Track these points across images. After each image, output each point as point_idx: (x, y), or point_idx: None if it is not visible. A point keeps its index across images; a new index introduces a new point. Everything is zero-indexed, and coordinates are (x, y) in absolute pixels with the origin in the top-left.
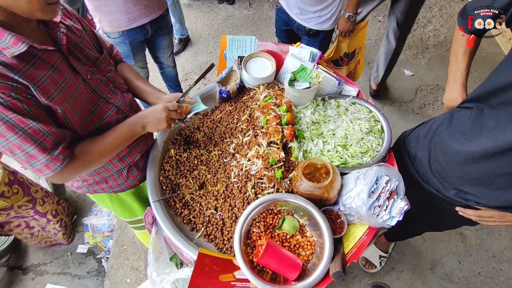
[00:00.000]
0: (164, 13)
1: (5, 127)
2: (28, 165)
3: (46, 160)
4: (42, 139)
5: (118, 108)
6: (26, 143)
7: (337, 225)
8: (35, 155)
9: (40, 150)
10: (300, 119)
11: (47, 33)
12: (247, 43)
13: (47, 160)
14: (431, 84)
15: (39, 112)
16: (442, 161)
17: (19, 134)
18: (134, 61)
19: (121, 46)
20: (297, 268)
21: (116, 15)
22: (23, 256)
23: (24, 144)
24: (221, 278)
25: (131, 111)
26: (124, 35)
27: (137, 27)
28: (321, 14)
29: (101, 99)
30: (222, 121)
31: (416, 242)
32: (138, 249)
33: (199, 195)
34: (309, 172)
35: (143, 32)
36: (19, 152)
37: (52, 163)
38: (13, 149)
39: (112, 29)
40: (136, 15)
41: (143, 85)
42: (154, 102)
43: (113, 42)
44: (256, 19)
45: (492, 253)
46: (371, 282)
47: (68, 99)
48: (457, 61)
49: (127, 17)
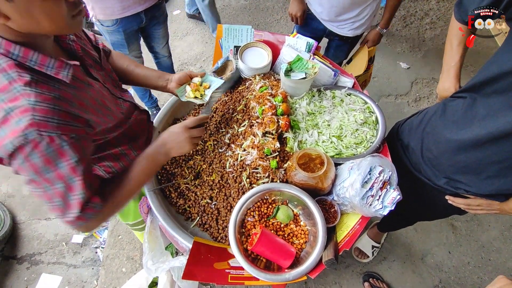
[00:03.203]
0: (159, 1)
1: (55, 174)
2: (60, 214)
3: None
4: (85, 191)
5: (132, 103)
6: (71, 192)
7: (331, 214)
8: (73, 205)
9: (79, 203)
10: (295, 110)
11: (58, 45)
12: (243, 32)
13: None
14: (426, 77)
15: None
16: (434, 150)
17: (68, 183)
18: (128, 50)
19: (115, 35)
20: (290, 256)
21: (110, 2)
22: (18, 246)
23: (69, 193)
24: (216, 266)
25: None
26: (118, 24)
27: (131, 15)
28: (355, 20)
29: (120, 100)
30: (217, 111)
31: (408, 233)
32: (133, 239)
33: (194, 185)
34: (304, 162)
35: (138, 20)
36: (59, 200)
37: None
38: (54, 196)
39: (105, 17)
40: (130, 3)
41: (147, 71)
42: (164, 85)
43: (107, 30)
44: (253, 9)
45: (481, 243)
46: (363, 272)
47: (108, 113)
48: (451, 51)
49: (120, 5)
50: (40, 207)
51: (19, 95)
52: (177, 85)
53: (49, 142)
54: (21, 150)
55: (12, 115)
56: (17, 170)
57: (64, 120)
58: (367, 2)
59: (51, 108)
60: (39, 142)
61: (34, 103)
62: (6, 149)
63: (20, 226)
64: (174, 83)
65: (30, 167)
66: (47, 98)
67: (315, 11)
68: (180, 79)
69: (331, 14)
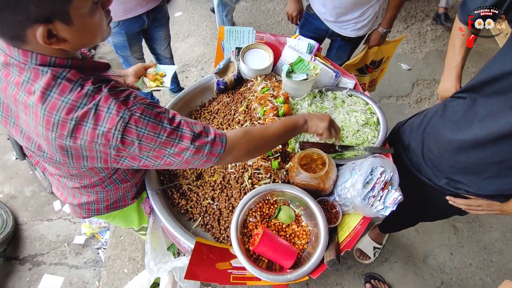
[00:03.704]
0: (161, 3)
1: (166, 133)
2: (196, 161)
3: (210, 148)
4: (191, 128)
5: None
6: (185, 139)
7: (332, 215)
8: (200, 149)
9: (198, 140)
10: (297, 111)
11: None
12: (245, 34)
13: (210, 148)
14: (428, 79)
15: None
16: (434, 150)
17: (178, 133)
18: (130, 52)
19: (117, 37)
20: (292, 257)
21: (112, 4)
22: (20, 247)
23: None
24: (218, 266)
25: None
26: (120, 26)
27: (133, 17)
28: (358, 21)
29: None
30: (219, 112)
31: (409, 234)
32: (135, 240)
33: (196, 185)
34: (305, 163)
35: (140, 22)
36: (185, 152)
37: (215, 148)
38: (181, 152)
39: None
40: (132, 5)
41: None
42: (122, 81)
43: None
44: (254, 11)
45: (483, 245)
46: (365, 273)
47: None
48: (453, 52)
49: (123, 6)
50: (43, 208)
51: (94, 94)
52: (135, 78)
53: (142, 113)
54: (130, 132)
55: (100, 108)
56: (138, 153)
57: (134, 94)
58: (369, 3)
59: (119, 90)
60: (135, 117)
61: (108, 91)
62: (116, 138)
63: (22, 227)
64: (132, 77)
65: (148, 141)
66: (112, 85)
67: (318, 12)
68: (136, 72)
69: (333, 15)
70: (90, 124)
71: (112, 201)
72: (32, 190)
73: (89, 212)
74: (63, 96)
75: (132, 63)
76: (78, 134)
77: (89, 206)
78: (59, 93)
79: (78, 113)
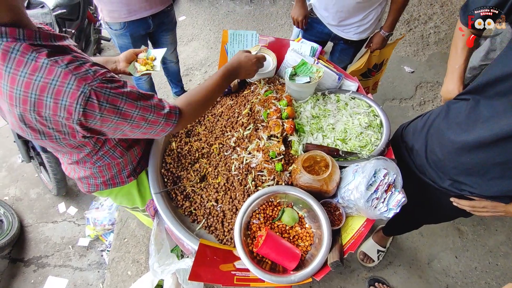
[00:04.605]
0: (168, 8)
1: (127, 106)
2: (152, 131)
3: (165, 119)
4: (152, 103)
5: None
6: (146, 112)
7: (336, 217)
8: (155, 119)
9: (157, 113)
10: (300, 113)
11: None
12: (248, 37)
13: (165, 119)
14: (431, 81)
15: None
16: (438, 151)
17: (139, 107)
18: None
19: (122, 39)
20: (296, 258)
21: (116, 5)
22: (25, 249)
23: (146, 113)
24: (221, 267)
25: None
26: (125, 27)
27: (138, 20)
28: (360, 24)
29: None
30: (223, 115)
31: (413, 237)
32: (139, 242)
33: (200, 187)
34: (308, 165)
35: (145, 25)
36: (144, 123)
37: (169, 119)
38: (139, 122)
39: (112, 19)
40: (136, 7)
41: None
42: (114, 67)
43: (115, 33)
44: (257, 15)
45: (488, 248)
46: (369, 276)
47: None
48: (456, 54)
49: (127, 8)
50: (47, 210)
51: (50, 66)
52: (126, 64)
53: (101, 87)
54: (91, 106)
55: (59, 84)
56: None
57: (94, 68)
58: (372, 6)
59: (78, 63)
60: (95, 91)
61: (66, 66)
62: (78, 112)
63: (28, 229)
64: (123, 62)
65: (110, 114)
66: (71, 59)
67: (321, 16)
68: (127, 57)
69: (336, 19)
70: (50, 98)
71: (108, 177)
72: (37, 193)
73: (89, 187)
74: (19, 70)
75: None
76: (40, 108)
77: (88, 181)
78: (15, 68)
79: (37, 87)
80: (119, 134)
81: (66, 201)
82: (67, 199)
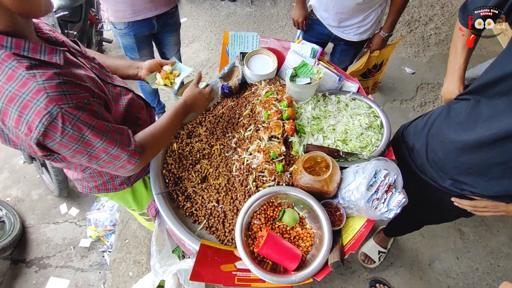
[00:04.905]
0: (172, 10)
1: (91, 135)
2: (111, 165)
3: (128, 157)
4: (120, 138)
5: (124, 88)
6: (110, 145)
7: (336, 217)
8: (118, 154)
9: (122, 148)
10: (301, 114)
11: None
12: (249, 39)
13: (128, 156)
14: (432, 82)
15: (104, 113)
16: (439, 151)
17: (103, 138)
18: (138, 55)
19: (126, 38)
20: (296, 259)
21: (121, 5)
22: (27, 249)
23: (109, 147)
24: (222, 268)
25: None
26: (130, 27)
27: (142, 20)
28: (360, 25)
29: (109, 84)
30: (224, 116)
31: (414, 239)
32: (140, 243)
33: (201, 188)
34: (309, 166)
35: (149, 26)
36: (104, 155)
37: (132, 158)
38: (99, 154)
39: (117, 19)
40: (141, 8)
41: (117, 62)
42: (135, 73)
43: (119, 33)
44: (258, 16)
45: (490, 249)
46: (370, 277)
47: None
48: (456, 55)
49: (132, 9)
50: (49, 211)
51: (26, 79)
52: (148, 72)
53: (71, 112)
54: (54, 128)
55: (28, 99)
56: (56, 148)
57: (72, 90)
58: (371, 8)
59: (57, 82)
60: (63, 115)
61: (43, 82)
62: (38, 131)
63: (29, 230)
64: (145, 70)
65: (70, 140)
66: (50, 76)
67: (321, 17)
68: (150, 66)
69: (336, 20)
70: (16, 110)
71: (100, 182)
72: (39, 194)
73: (83, 188)
74: None
75: None
76: (5, 117)
77: (81, 183)
78: None
79: (6, 96)
80: (76, 162)
81: (68, 202)
82: (68, 200)
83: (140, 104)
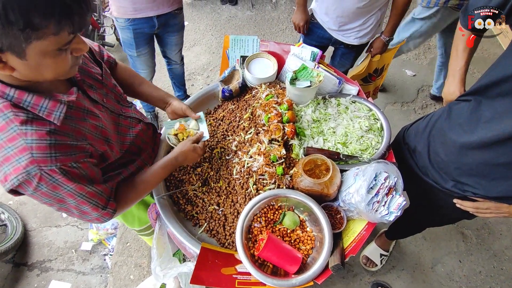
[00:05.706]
0: (176, 11)
1: (66, 195)
2: (79, 218)
3: (98, 215)
4: (97, 199)
5: (135, 118)
6: (83, 204)
7: (337, 220)
8: (89, 212)
9: (94, 208)
10: (301, 117)
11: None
12: (250, 43)
13: (99, 215)
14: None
15: (92, 172)
16: (441, 152)
17: (78, 199)
18: (136, 52)
19: (126, 33)
20: (297, 262)
21: (124, 2)
22: (28, 253)
23: (81, 205)
24: (223, 271)
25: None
26: (130, 22)
27: (143, 18)
28: (361, 29)
29: (120, 117)
30: (224, 119)
31: (417, 241)
32: (141, 246)
33: (202, 191)
34: (309, 169)
35: (149, 24)
36: (75, 210)
37: (103, 217)
38: (70, 208)
39: (119, 14)
40: (142, 6)
41: (150, 91)
42: (163, 107)
43: (119, 26)
44: (259, 20)
45: (493, 252)
46: (372, 280)
47: (108, 136)
48: (457, 56)
49: (133, 6)
50: (51, 215)
51: (16, 134)
52: (173, 115)
53: (51, 174)
54: (29, 184)
55: (12, 154)
56: (28, 195)
57: (62, 152)
58: (372, 11)
59: (47, 143)
60: (41, 175)
61: (31, 142)
62: (12, 184)
63: (31, 233)
64: (170, 110)
65: (42, 195)
66: (43, 135)
67: (321, 20)
68: (176, 110)
69: (336, 24)
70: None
71: None
72: None
73: None
74: None
75: (139, 65)
76: None
77: None
78: None
79: None
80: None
81: None
82: None
83: (148, 134)
